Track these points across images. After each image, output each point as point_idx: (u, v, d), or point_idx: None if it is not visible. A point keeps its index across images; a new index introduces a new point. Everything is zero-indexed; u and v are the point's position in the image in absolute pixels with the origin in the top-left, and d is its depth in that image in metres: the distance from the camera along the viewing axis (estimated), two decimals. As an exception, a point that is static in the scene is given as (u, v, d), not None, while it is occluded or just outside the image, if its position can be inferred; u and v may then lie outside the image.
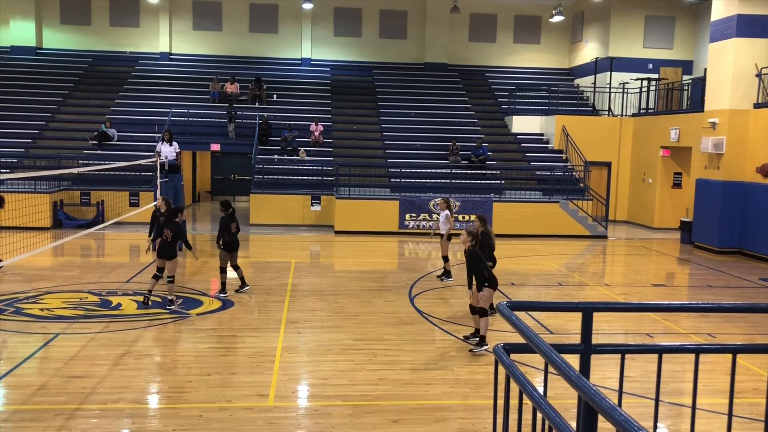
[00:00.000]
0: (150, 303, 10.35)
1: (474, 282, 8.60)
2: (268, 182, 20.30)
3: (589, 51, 26.53)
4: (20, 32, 26.44)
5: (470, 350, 8.54)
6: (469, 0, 27.05)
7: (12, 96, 23.77)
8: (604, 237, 19.51)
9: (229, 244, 11.15)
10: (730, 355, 3.41)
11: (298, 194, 20.04)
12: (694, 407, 3.38)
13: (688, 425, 3.51)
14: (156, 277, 10.43)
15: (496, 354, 2.87)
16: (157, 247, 10.40)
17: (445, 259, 12.89)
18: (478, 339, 8.63)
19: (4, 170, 19.44)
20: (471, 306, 8.88)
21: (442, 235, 12.72)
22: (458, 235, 12.18)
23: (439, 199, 13.00)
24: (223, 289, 11.30)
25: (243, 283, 11.49)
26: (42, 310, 10.10)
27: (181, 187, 16.20)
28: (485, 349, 8.42)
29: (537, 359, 2.67)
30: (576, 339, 3.13)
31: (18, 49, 26.37)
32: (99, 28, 27.17)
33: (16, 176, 10.38)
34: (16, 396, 6.83)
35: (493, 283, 8.55)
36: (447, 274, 12.93)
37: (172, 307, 10.28)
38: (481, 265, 8.53)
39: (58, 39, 27.09)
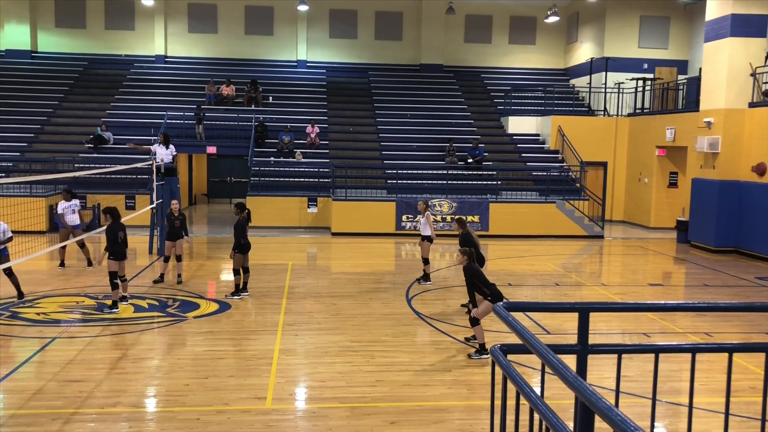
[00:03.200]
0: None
1: (477, 298, 8.40)
2: (265, 184, 20.29)
3: (584, 51, 26.59)
4: (15, 36, 26.39)
5: (469, 355, 8.49)
6: (465, 1, 27.09)
7: (7, 100, 23.72)
8: (601, 237, 19.55)
9: (244, 246, 11.14)
10: (727, 354, 3.42)
11: (294, 196, 20.03)
12: (690, 406, 3.38)
13: (685, 424, 3.51)
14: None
15: (493, 355, 2.87)
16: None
17: (425, 261, 12.75)
18: (478, 346, 8.54)
19: (0, 174, 19.39)
20: (471, 318, 8.69)
21: (423, 238, 12.57)
22: (443, 236, 12.16)
23: (420, 202, 12.87)
24: (236, 291, 11.28)
25: (244, 288, 11.45)
26: (38, 314, 10.08)
27: (177, 190, 16.16)
28: (485, 358, 8.32)
29: (534, 360, 2.67)
30: (573, 339, 3.13)
31: (13, 53, 26.32)
32: (94, 31, 27.13)
33: (11, 180, 10.34)
34: (12, 400, 6.81)
35: (495, 299, 8.15)
36: (426, 277, 12.79)
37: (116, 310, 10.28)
38: (478, 279, 8.32)
39: (53, 42, 27.06)
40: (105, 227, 10.56)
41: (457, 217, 10.60)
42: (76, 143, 21.75)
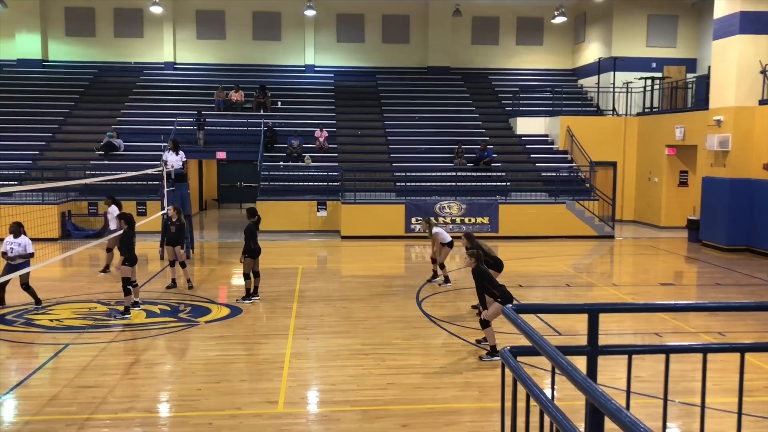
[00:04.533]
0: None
1: (487, 299, 8.40)
2: (274, 189, 20.36)
3: (592, 51, 26.51)
4: (26, 45, 26.65)
5: (480, 357, 8.48)
6: (471, 3, 27.09)
7: (19, 108, 23.95)
8: (611, 237, 19.46)
9: (254, 250, 11.20)
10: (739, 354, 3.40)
11: (304, 200, 20.08)
12: (703, 406, 3.37)
13: (698, 424, 3.50)
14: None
15: (503, 357, 2.88)
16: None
17: (441, 266, 12.83)
18: (489, 348, 8.53)
19: (13, 182, 19.58)
20: (481, 320, 8.71)
21: (443, 244, 12.62)
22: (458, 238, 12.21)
23: (422, 221, 13.04)
24: (247, 295, 11.34)
25: (255, 292, 11.49)
26: (52, 320, 10.16)
27: (187, 196, 16.26)
28: (496, 359, 8.30)
29: (546, 361, 2.67)
30: (585, 340, 3.13)
31: (24, 62, 26.58)
32: (104, 39, 27.36)
33: (24, 188, 10.47)
34: (27, 407, 6.87)
35: (505, 300, 8.11)
36: (445, 279, 12.88)
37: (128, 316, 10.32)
38: (487, 281, 8.32)
39: (64, 51, 27.29)
40: (120, 234, 10.62)
41: (464, 232, 10.61)
42: (87, 150, 21.91)
